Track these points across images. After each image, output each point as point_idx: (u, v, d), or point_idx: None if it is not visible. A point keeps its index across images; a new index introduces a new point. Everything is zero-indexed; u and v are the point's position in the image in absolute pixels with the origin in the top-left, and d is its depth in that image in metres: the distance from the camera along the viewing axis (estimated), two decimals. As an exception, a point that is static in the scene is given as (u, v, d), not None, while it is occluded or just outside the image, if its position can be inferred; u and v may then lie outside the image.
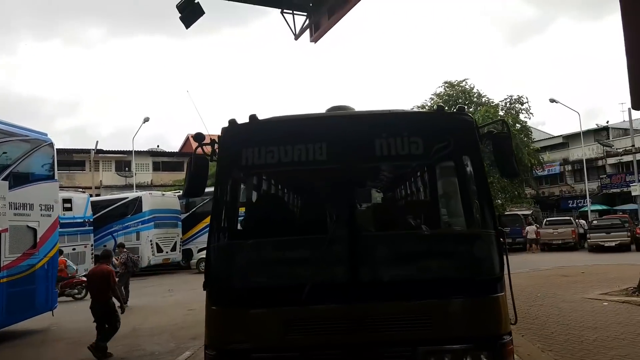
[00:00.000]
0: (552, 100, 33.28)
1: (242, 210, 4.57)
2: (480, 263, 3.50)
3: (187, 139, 44.70)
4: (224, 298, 3.49)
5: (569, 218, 28.28)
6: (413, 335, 3.24)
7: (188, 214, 24.55)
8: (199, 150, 3.89)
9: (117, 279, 12.94)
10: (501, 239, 3.47)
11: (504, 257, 3.42)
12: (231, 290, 3.52)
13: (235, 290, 3.52)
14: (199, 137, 3.87)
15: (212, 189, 3.79)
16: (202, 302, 3.70)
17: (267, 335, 3.34)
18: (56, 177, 11.01)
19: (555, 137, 44.18)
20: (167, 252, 22.72)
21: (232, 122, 3.79)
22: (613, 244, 22.32)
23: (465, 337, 3.26)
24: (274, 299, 3.38)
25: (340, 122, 3.79)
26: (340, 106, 4.32)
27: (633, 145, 32.55)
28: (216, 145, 3.85)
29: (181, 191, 27.94)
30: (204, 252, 14.36)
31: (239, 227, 4.16)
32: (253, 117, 3.79)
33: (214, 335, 3.54)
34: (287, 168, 3.82)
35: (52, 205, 10.61)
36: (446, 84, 34.28)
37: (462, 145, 3.70)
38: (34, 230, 9.95)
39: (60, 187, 21.10)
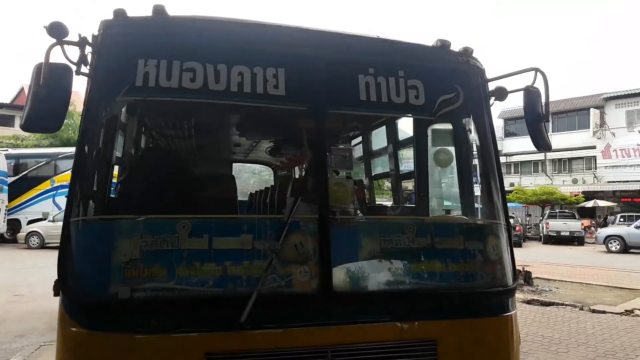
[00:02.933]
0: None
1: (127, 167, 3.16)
2: (493, 268, 2.57)
3: (21, 90, 37.65)
4: (97, 314, 2.07)
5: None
6: None
7: (17, 177, 20.54)
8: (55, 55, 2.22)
9: None
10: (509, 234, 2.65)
11: (514, 260, 2.60)
12: (109, 301, 2.10)
13: (117, 302, 2.09)
14: (57, 29, 2.18)
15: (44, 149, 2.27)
16: (32, 285, 2.21)
17: None
18: None
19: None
20: (-13, 222, 18.54)
21: (120, 14, 2.32)
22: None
23: None
24: (186, 317, 2.10)
25: (308, 42, 2.52)
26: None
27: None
28: (89, 50, 2.32)
29: (9, 149, 23.45)
30: (37, 224, 11.60)
31: (124, 192, 2.72)
32: (159, 10, 2.36)
33: None
34: (218, 100, 2.44)
35: None
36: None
37: (469, 101, 2.72)
38: None
39: None
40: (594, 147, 34.82)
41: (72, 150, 21.36)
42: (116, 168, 2.88)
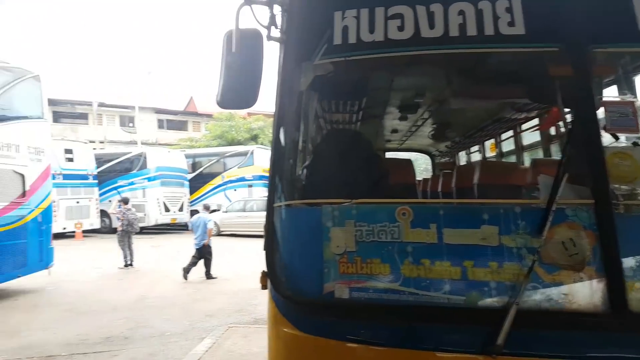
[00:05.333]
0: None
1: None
2: None
3: (191, 100, 42.92)
4: (310, 315, 1.84)
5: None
6: None
7: (194, 174, 23.30)
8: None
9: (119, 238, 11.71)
10: None
11: None
12: (324, 301, 1.81)
13: (334, 303, 1.80)
14: None
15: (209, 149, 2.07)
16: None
17: None
18: (47, 117, 9.34)
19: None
20: (174, 212, 21.47)
21: None
22: None
23: None
24: (416, 329, 1.72)
25: None
26: None
27: None
28: (279, 10, 2.09)
29: (185, 149, 26.58)
30: (213, 214, 13.04)
31: (322, 173, 2.38)
32: None
33: None
34: (435, 51, 1.95)
35: (44, 149, 9.02)
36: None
37: None
38: (22, 176, 8.41)
39: (63, 139, 20.30)
40: None
41: (236, 149, 23.64)
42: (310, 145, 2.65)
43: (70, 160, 18.34)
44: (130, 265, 11.66)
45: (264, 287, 2.08)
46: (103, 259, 12.74)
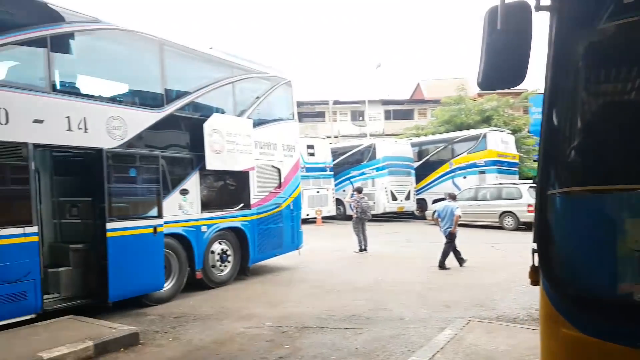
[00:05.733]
0: None
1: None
2: None
3: (417, 87, 43.18)
4: (602, 318, 1.59)
5: None
6: None
7: (420, 162, 23.37)
8: None
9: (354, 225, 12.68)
10: None
11: None
12: (621, 303, 1.56)
13: (634, 306, 1.53)
14: None
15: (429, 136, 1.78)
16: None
17: None
18: (296, 117, 10.71)
19: None
20: (401, 201, 22.12)
21: None
22: None
23: None
24: None
25: None
26: None
27: None
28: None
29: (412, 138, 26.80)
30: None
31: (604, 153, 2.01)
32: None
33: None
34: None
35: (294, 146, 10.39)
36: None
37: None
38: (278, 170, 9.87)
39: (306, 136, 23.30)
40: None
41: (466, 133, 22.75)
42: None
43: (312, 154, 20.80)
44: (364, 250, 12.47)
45: (533, 282, 1.86)
46: (340, 243, 14.00)
